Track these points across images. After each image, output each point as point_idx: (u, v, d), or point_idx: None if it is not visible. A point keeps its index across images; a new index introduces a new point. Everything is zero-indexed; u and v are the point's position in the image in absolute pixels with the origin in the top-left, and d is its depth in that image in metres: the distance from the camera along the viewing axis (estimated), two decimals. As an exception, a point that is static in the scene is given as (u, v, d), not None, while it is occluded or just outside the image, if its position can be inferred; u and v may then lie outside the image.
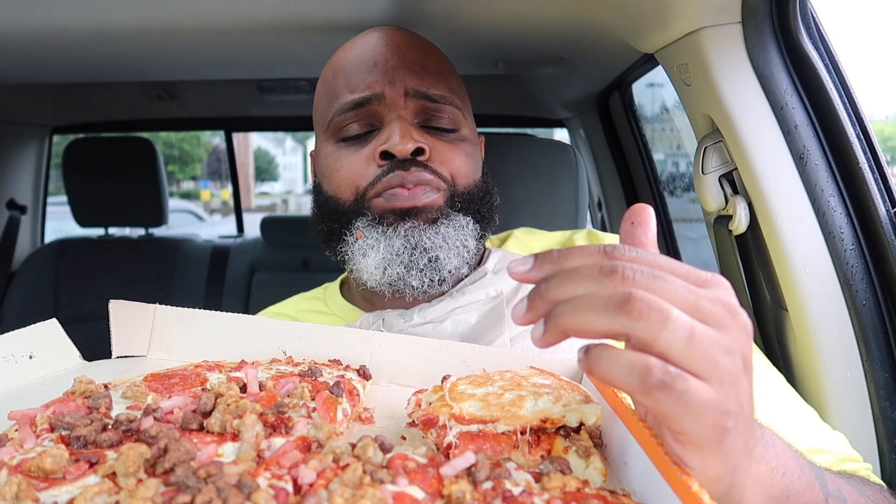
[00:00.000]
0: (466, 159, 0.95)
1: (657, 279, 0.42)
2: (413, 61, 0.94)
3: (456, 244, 0.90)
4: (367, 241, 0.90)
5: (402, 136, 0.88)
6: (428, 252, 0.88)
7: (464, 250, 0.91)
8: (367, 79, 0.92)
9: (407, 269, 0.88)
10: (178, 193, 19.31)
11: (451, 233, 0.90)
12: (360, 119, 0.93)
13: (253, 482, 0.41)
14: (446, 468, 0.46)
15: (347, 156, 0.94)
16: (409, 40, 0.97)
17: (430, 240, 0.88)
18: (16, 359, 0.69)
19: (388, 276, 0.89)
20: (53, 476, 0.44)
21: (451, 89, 0.96)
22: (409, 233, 0.88)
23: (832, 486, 0.60)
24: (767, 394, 0.84)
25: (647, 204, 0.51)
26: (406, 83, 0.92)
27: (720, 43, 0.98)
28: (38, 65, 1.52)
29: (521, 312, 0.45)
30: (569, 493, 0.45)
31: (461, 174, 0.94)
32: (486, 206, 0.97)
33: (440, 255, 0.88)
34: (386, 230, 0.89)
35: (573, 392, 0.58)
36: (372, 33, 0.98)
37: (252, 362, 0.70)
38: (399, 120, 0.90)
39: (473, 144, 0.99)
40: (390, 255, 0.88)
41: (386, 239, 0.89)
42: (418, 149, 0.89)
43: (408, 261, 0.88)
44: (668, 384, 0.40)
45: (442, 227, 0.89)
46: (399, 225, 0.89)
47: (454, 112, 0.95)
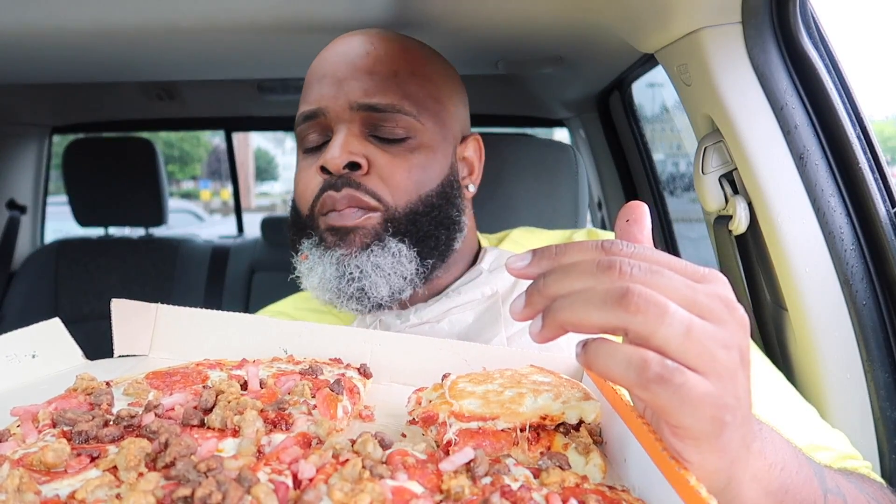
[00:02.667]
0: (412, 171, 0.91)
1: (654, 274, 0.42)
2: (362, 70, 0.92)
3: (387, 272, 0.88)
4: (310, 262, 0.92)
5: (340, 148, 0.88)
6: (355, 282, 0.88)
7: (396, 277, 0.89)
8: (317, 91, 0.93)
9: (337, 296, 0.89)
10: (178, 193, 19.30)
11: (381, 261, 0.88)
12: (314, 130, 0.94)
13: (253, 476, 0.41)
14: (445, 463, 0.46)
15: (303, 168, 0.95)
16: (372, 47, 0.94)
17: (360, 268, 0.88)
18: (18, 358, 0.69)
19: (325, 297, 0.91)
20: (55, 470, 0.44)
21: (404, 95, 0.92)
22: (341, 260, 0.89)
23: (831, 483, 0.61)
24: (767, 391, 0.84)
25: (641, 201, 0.51)
26: (349, 96, 0.90)
27: (720, 43, 0.98)
28: (38, 65, 1.53)
29: (519, 308, 0.46)
30: (567, 489, 0.45)
31: (402, 189, 0.90)
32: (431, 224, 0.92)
33: (366, 286, 0.88)
34: (323, 254, 0.90)
35: (573, 389, 0.58)
36: (340, 40, 0.97)
37: (253, 361, 0.71)
38: (342, 132, 0.90)
39: (432, 151, 0.94)
40: (324, 281, 0.89)
41: (322, 264, 0.90)
42: (353, 163, 0.88)
43: (336, 288, 0.89)
44: (666, 378, 0.40)
45: (373, 256, 0.88)
46: (335, 250, 0.89)
47: (405, 120, 0.91)
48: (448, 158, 0.97)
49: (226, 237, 2.91)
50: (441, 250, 0.94)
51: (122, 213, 2.55)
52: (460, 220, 0.96)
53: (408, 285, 0.90)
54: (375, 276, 0.88)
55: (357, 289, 0.88)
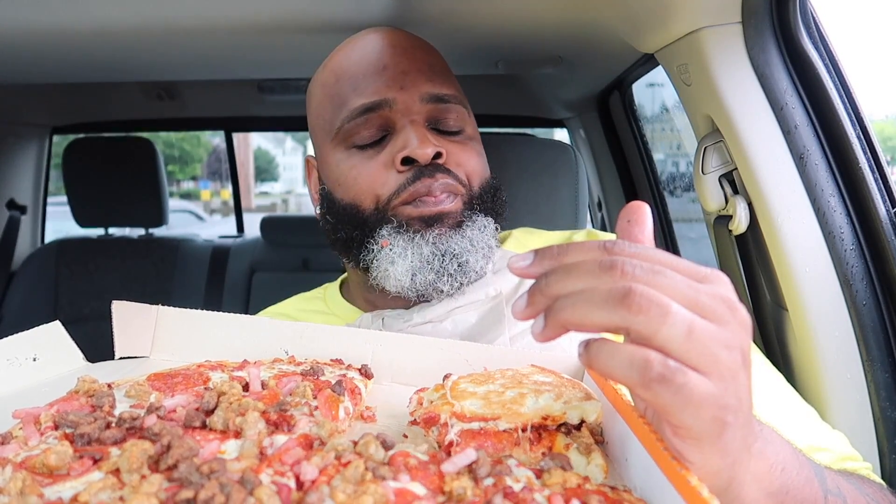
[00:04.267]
0: (478, 159, 0.96)
1: (657, 274, 0.42)
2: (422, 62, 0.93)
3: (481, 246, 0.90)
4: (393, 249, 0.89)
5: (421, 141, 0.88)
6: (457, 257, 0.88)
7: (488, 250, 0.92)
8: (376, 83, 0.91)
9: (438, 274, 0.88)
10: (178, 193, 19.29)
11: (476, 235, 0.90)
12: (371, 124, 0.92)
13: (256, 478, 0.41)
14: (447, 465, 0.46)
15: (363, 163, 0.92)
16: (414, 40, 0.97)
17: (458, 244, 0.88)
18: (19, 361, 0.69)
19: (417, 282, 0.88)
20: (57, 472, 0.45)
21: (457, 88, 0.97)
22: (437, 239, 0.88)
23: (831, 484, 0.61)
24: (767, 392, 0.84)
25: (643, 201, 0.51)
26: (420, 88, 0.91)
27: (720, 43, 0.98)
28: (38, 65, 1.53)
29: (521, 307, 0.46)
30: (569, 490, 0.45)
31: (475, 174, 0.94)
32: (498, 204, 0.98)
33: (469, 259, 0.89)
34: (413, 237, 0.88)
35: (574, 389, 0.58)
36: (372, 35, 0.97)
37: (254, 362, 0.71)
38: (413, 125, 0.90)
39: (479, 143, 0.99)
40: (420, 263, 0.88)
41: (414, 246, 0.88)
42: (437, 153, 0.89)
43: (438, 267, 0.88)
44: (668, 378, 0.40)
45: (468, 231, 0.90)
46: (426, 232, 0.88)
47: (461, 111, 0.95)
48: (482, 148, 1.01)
49: (226, 237, 2.91)
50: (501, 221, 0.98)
51: (122, 214, 2.55)
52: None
53: (489, 261, 0.93)
54: (473, 250, 0.89)
55: (459, 264, 0.88)
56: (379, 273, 0.91)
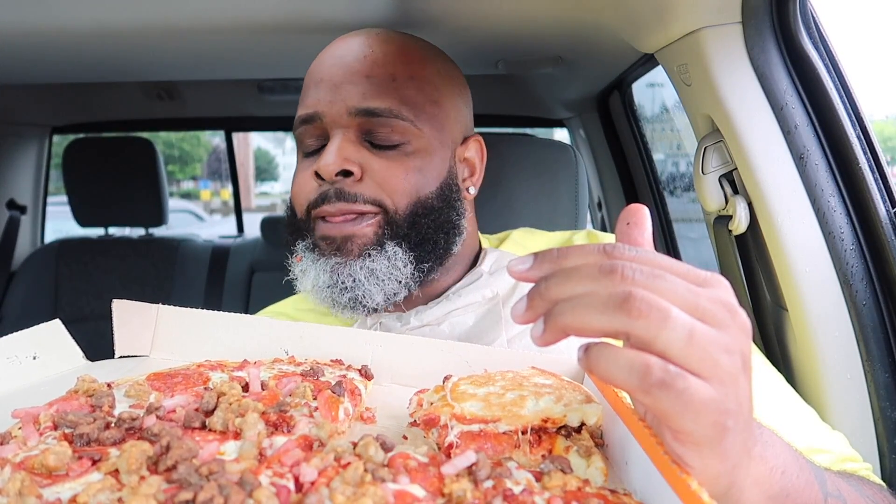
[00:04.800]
0: (407, 175, 0.91)
1: (657, 278, 0.42)
2: (359, 74, 0.91)
3: (382, 278, 0.89)
4: (303, 265, 0.92)
5: (333, 157, 0.88)
6: (348, 291, 0.88)
7: (391, 282, 0.89)
8: (313, 95, 0.92)
9: (332, 302, 0.90)
10: (178, 193, 19.29)
11: (380, 266, 0.88)
12: (310, 134, 0.93)
13: (255, 480, 0.41)
14: (447, 467, 0.46)
15: (300, 171, 0.95)
16: (369, 49, 0.93)
17: (353, 276, 0.88)
18: (19, 360, 0.69)
19: (319, 300, 0.91)
20: (56, 473, 0.45)
21: (402, 100, 0.91)
22: (335, 269, 0.89)
23: (831, 486, 0.61)
24: (767, 393, 0.84)
25: (642, 204, 0.51)
26: (346, 101, 0.90)
27: (720, 43, 0.98)
28: (38, 65, 1.52)
29: (520, 311, 0.46)
30: (569, 492, 0.45)
31: (399, 192, 0.90)
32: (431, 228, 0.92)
33: (359, 295, 0.88)
34: (317, 259, 0.90)
35: (574, 392, 0.58)
36: (339, 42, 0.96)
37: (254, 362, 0.71)
38: (336, 138, 0.90)
39: (429, 156, 0.93)
40: (317, 286, 0.90)
41: (316, 269, 0.90)
42: (346, 171, 0.88)
43: (329, 297, 0.89)
44: (668, 383, 0.40)
45: (368, 262, 0.88)
46: (329, 257, 0.89)
47: (402, 125, 0.90)
48: (446, 162, 0.95)
49: (226, 237, 2.91)
50: (439, 254, 0.93)
51: (122, 213, 2.55)
52: (460, 223, 0.96)
53: (402, 288, 0.90)
54: (369, 284, 0.88)
55: (350, 298, 0.88)
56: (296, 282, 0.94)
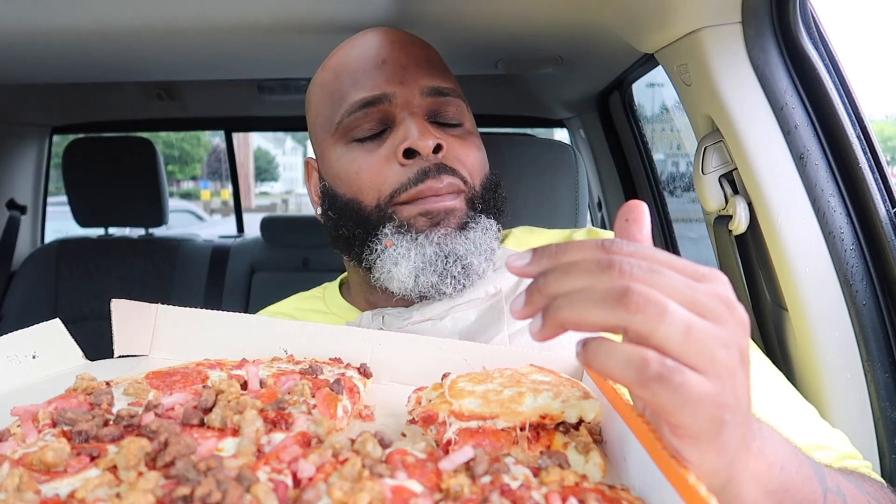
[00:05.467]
0: (478, 153, 0.95)
1: (655, 273, 0.42)
2: (419, 56, 0.94)
3: (484, 248, 0.89)
4: (397, 249, 0.88)
5: (422, 133, 0.87)
6: (461, 259, 0.87)
7: (490, 253, 0.90)
8: (375, 77, 0.91)
9: (441, 277, 0.87)
10: (178, 193, 19.31)
11: (478, 237, 0.89)
12: (371, 118, 0.91)
13: (252, 475, 0.41)
14: (445, 462, 0.46)
15: (364, 157, 0.91)
16: (411, 37, 0.98)
17: (462, 246, 0.87)
18: (19, 358, 0.69)
19: (420, 284, 0.87)
20: (55, 469, 0.44)
21: (455, 83, 0.97)
22: (442, 240, 0.87)
23: (831, 482, 0.61)
24: (767, 391, 0.84)
25: (641, 200, 0.51)
26: (419, 81, 0.91)
27: (720, 43, 0.98)
28: (38, 65, 1.53)
29: (519, 306, 0.46)
30: (567, 488, 0.45)
31: (476, 170, 0.94)
32: (499, 201, 0.97)
33: (473, 261, 0.88)
34: (416, 237, 0.87)
35: (572, 388, 0.58)
36: (370, 33, 0.98)
37: (253, 360, 0.71)
38: (413, 117, 0.89)
39: (478, 138, 0.99)
40: (423, 264, 0.86)
41: (417, 247, 0.87)
42: (438, 145, 0.88)
43: (441, 269, 0.86)
44: (666, 377, 0.40)
45: (471, 233, 0.89)
46: (430, 232, 0.87)
47: (460, 105, 0.95)
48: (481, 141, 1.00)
49: (226, 237, 2.91)
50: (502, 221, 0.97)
51: (122, 214, 2.55)
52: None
53: (490, 260, 0.92)
54: (477, 252, 0.89)
55: (463, 266, 0.87)
56: (382, 274, 0.90)
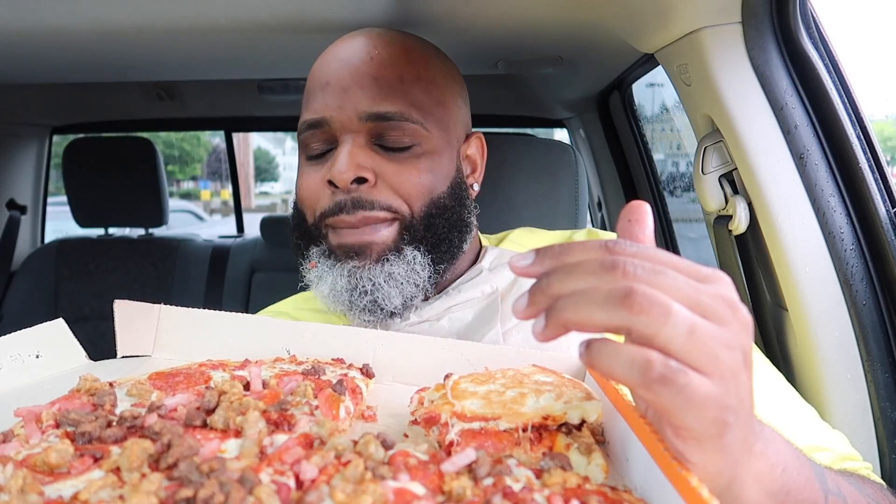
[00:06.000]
0: (420, 177, 0.90)
1: (658, 274, 0.42)
2: (367, 77, 0.89)
3: (400, 281, 0.88)
4: (318, 272, 0.91)
5: (346, 164, 0.87)
6: (368, 294, 0.88)
7: (409, 286, 0.89)
8: (320, 99, 0.91)
9: (349, 307, 0.89)
10: (178, 193, 19.29)
11: (398, 269, 0.88)
12: (317, 138, 0.92)
13: (255, 477, 0.41)
14: (447, 464, 0.46)
15: (308, 175, 0.93)
16: (375, 51, 0.92)
17: (372, 280, 0.88)
18: (22, 358, 0.70)
19: (336, 306, 0.91)
20: (58, 471, 0.45)
21: (411, 102, 0.90)
22: (353, 273, 0.88)
23: (832, 484, 0.61)
24: (767, 392, 0.84)
25: (643, 201, 0.51)
26: (356, 105, 0.88)
27: (720, 43, 0.98)
28: (38, 65, 1.53)
29: (522, 307, 0.46)
30: (569, 490, 0.45)
31: (413, 196, 0.90)
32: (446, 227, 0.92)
33: (378, 297, 0.88)
34: (334, 265, 0.90)
35: (575, 389, 0.58)
36: (341, 43, 0.95)
37: (256, 361, 0.71)
38: (347, 143, 0.89)
39: (438, 156, 0.93)
40: (335, 292, 0.89)
41: (332, 274, 0.89)
42: (360, 178, 0.87)
43: (348, 300, 0.88)
44: (669, 378, 0.40)
45: (388, 266, 0.88)
46: (345, 263, 0.89)
47: (412, 128, 0.90)
48: (454, 161, 0.96)
49: (226, 237, 2.91)
50: (453, 253, 0.94)
51: (122, 214, 2.55)
52: (470, 220, 0.97)
53: (419, 292, 0.90)
54: (388, 287, 0.88)
55: (370, 301, 0.88)
56: (311, 287, 0.94)
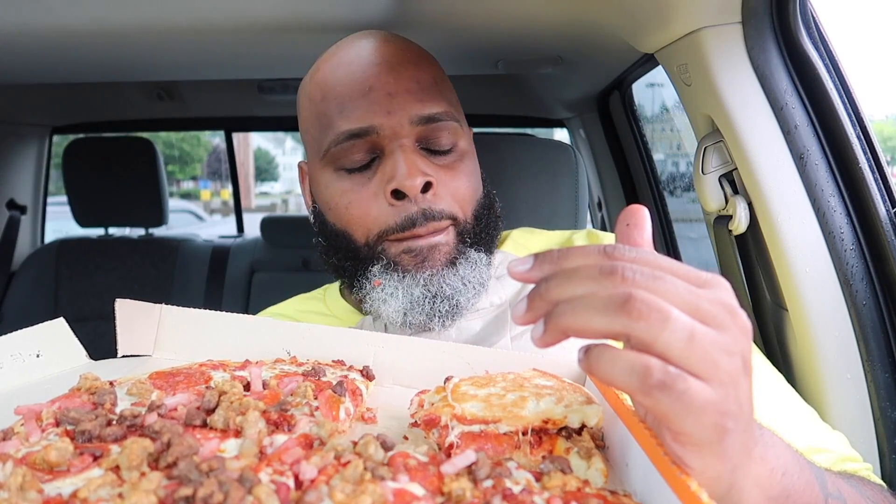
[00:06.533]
0: (469, 180, 0.91)
1: (657, 280, 0.42)
2: (410, 80, 0.87)
3: (474, 283, 0.88)
4: (385, 289, 0.87)
5: (410, 171, 0.84)
6: (449, 300, 0.86)
7: (480, 287, 0.89)
8: (361, 107, 0.86)
9: (429, 316, 0.86)
10: (178, 193, 19.29)
11: (468, 273, 0.88)
12: (358, 149, 0.87)
13: (254, 477, 0.41)
14: (447, 466, 0.46)
15: (353, 190, 0.88)
16: (402, 53, 0.90)
17: (450, 286, 0.86)
18: (23, 357, 0.70)
19: (409, 320, 0.87)
20: (58, 469, 0.45)
21: (448, 101, 0.90)
22: (429, 281, 0.86)
23: (832, 487, 0.61)
24: (767, 393, 0.84)
25: (642, 205, 0.51)
26: (408, 111, 0.85)
27: (720, 43, 0.98)
28: (38, 65, 1.53)
29: (521, 312, 0.46)
30: (569, 493, 0.45)
31: (468, 199, 0.90)
32: (492, 226, 0.94)
33: (460, 300, 0.86)
34: (403, 277, 0.86)
35: (575, 393, 0.58)
36: (357, 47, 0.91)
37: (256, 362, 0.71)
38: (402, 149, 0.85)
39: (472, 155, 0.94)
40: (410, 304, 0.86)
41: (405, 287, 0.86)
42: (426, 183, 0.85)
43: (429, 309, 0.85)
44: (668, 384, 0.40)
45: (460, 269, 0.87)
46: (418, 272, 0.86)
47: (453, 127, 0.89)
48: (475, 158, 0.96)
49: (226, 237, 2.91)
50: (495, 244, 0.97)
51: (122, 214, 2.55)
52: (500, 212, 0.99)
53: (483, 289, 0.90)
54: (465, 290, 0.87)
55: (451, 306, 0.86)
56: (372, 308, 0.89)
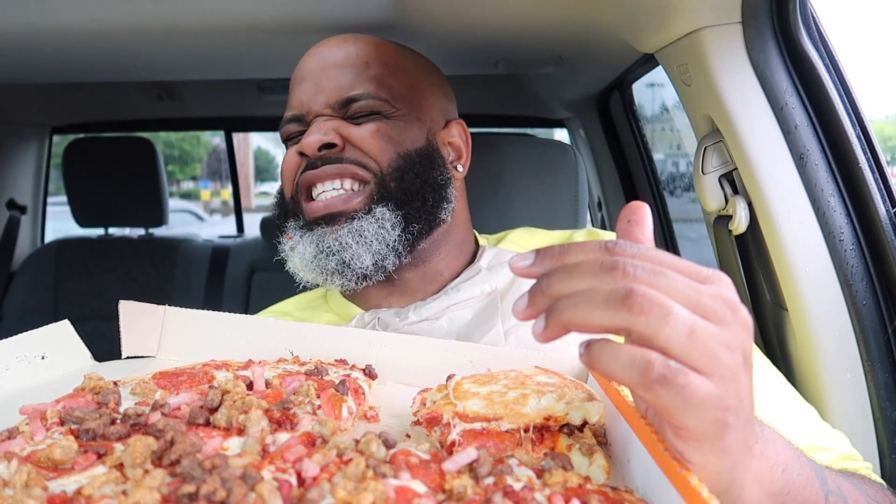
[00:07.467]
0: (385, 136, 0.95)
1: (658, 275, 0.42)
2: (333, 66, 0.97)
3: (369, 239, 0.89)
4: (292, 242, 0.95)
5: (315, 133, 0.93)
6: (334, 255, 0.89)
7: (379, 244, 0.90)
8: (296, 96, 0.99)
9: (319, 273, 0.91)
10: (178, 193, 19.25)
11: (367, 227, 0.90)
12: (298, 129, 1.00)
13: (257, 474, 0.42)
14: (448, 463, 0.46)
15: (285, 158, 1.01)
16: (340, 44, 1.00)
17: (339, 241, 0.89)
18: (28, 359, 0.70)
19: (309, 277, 0.93)
20: (62, 466, 0.45)
21: (378, 83, 0.96)
22: (320, 237, 0.91)
23: (832, 484, 0.61)
24: (767, 392, 0.84)
25: (643, 202, 0.51)
26: (327, 95, 0.96)
27: (720, 43, 0.98)
28: (38, 65, 1.53)
29: (522, 307, 0.46)
30: (570, 489, 0.45)
31: (380, 151, 0.94)
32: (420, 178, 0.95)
33: (346, 257, 0.89)
34: (304, 234, 0.93)
35: (577, 390, 0.58)
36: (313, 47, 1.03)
37: (259, 361, 0.71)
38: (315, 122, 0.95)
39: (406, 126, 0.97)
40: (304, 260, 0.92)
41: (303, 243, 0.92)
42: (329, 144, 0.92)
43: (317, 266, 0.91)
44: (669, 378, 0.40)
45: (355, 223, 0.90)
46: (316, 229, 0.92)
47: (377, 104, 0.96)
48: (423, 135, 0.99)
49: (226, 237, 2.91)
50: (427, 215, 0.95)
51: (122, 214, 2.55)
52: (447, 188, 0.99)
53: (391, 252, 0.91)
54: (357, 246, 0.89)
55: (338, 262, 0.89)
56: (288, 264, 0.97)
